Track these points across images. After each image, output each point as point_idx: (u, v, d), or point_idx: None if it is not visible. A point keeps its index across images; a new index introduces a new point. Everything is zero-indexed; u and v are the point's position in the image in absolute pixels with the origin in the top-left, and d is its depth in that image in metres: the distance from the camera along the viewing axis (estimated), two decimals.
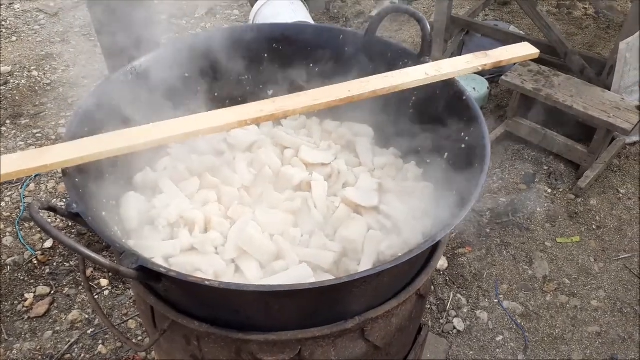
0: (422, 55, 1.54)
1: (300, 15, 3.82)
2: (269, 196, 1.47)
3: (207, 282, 0.93)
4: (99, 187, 1.25)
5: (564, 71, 3.33)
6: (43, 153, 1.13)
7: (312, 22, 3.87)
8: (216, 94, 1.66)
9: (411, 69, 1.46)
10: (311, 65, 1.72)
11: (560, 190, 3.12)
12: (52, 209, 1.01)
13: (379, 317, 1.21)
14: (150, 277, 0.98)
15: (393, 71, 1.45)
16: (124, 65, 1.42)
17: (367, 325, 1.22)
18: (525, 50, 1.54)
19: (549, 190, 3.12)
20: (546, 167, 3.26)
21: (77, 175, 1.15)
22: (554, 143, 3.19)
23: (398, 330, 1.34)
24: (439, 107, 1.50)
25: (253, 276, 1.28)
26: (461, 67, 1.47)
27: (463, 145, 1.36)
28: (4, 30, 4.61)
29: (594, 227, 2.92)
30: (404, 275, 1.20)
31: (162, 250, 1.28)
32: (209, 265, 1.27)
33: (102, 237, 0.99)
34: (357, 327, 1.19)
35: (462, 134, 1.37)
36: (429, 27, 1.53)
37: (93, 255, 0.87)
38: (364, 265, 1.31)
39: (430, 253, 1.33)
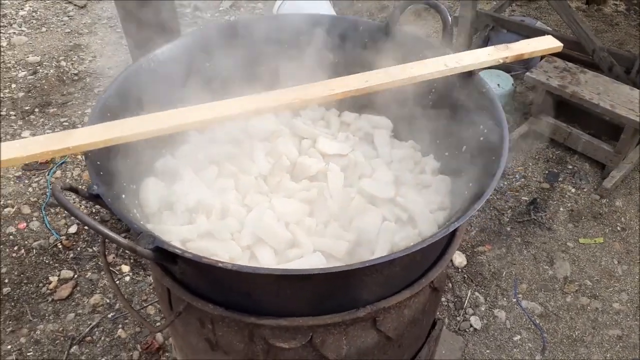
0: (442, 47, 1.52)
1: (323, 7, 3.82)
2: (286, 185, 1.48)
3: (220, 264, 0.94)
4: (120, 171, 1.28)
5: (592, 68, 3.26)
6: (67, 136, 1.16)
7: (334, 14, 3.86)
8: (236, 84, 1.68)
9: (431, 60, 1.46)
10: (331, 56, 1.72)
11: (585, 190, 3.06)
12: (73, 190, 1.03)
13: (391, 307, 1.21)
14: (166, 258, 1.00)
15: (412, 62, 1.45)
16: (145, 54, 1.45)
17: (379, 315, 1.22)
18: (548, 43, 1.52)
19: (573, 190, 3.06)
20: (570, 167, 3.20)
21: (99, 159, 1.18)
22: (579, 142, 3.13)
23: (410, 322, 1.34)
24: (458, 99, 1.48)
25: (267, 263, 1.29)
26: (482, 59, 1.46)
27: (482, 139, 1.34)
28: (34, 22, 4.73)
29: (618, 228, 2.86)
30: (417, 265, 1.20)
31: (180, 235, 1.30)
32: (225, 251, 1.29)
33: (121, 218, 1.02)
34: (369, 317, 1.20)
35: (481, 126, 1.35)
36: (449, 18, 1.51)
37: (110, 233, 0.89)
38: (378, 255, 1.30)
39: (445, 245, 1.32)
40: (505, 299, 2.55)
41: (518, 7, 4.77)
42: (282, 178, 1.50)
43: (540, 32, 3.53)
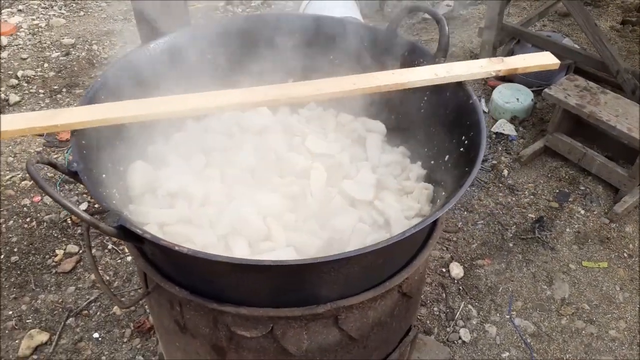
0: (437, 56, 1.53)
1: (349, 10, 3.84)
2: (271, 180, 1.51)
3: (176, 247, 0.98)
4: (108, 152, 1.34)
5: (616, 90, 3.19)
6: (56, 114, 1.23)
7: (359, 17, 3.88)
8: (235, 78, 1.72)
9: (421, 68, 1.47)
10: (331, 57, 1.75)
11: (595, 212, 3.00)
12: (52, 165, 1.09)
13: (353, 307, 1.23)
14: (130, 237, 1.05)
15: (402, 68, 1.47)
16: (148, 42, 1.51)
17: (341, 313, 1.24)
18: (544, 59, 1.51)
19: (582, 212, 3.00)
20: (582, 188, 3.13)
21: (85, 138, 1.24)
22: (593, 163, 3.06)
23: (377, 325, 1.35)
24: (447, 109, 1.49)
25: (240, 253, 1.33)
26: (473, 71, 1.46)
27: (462, 149, 1.35)
28: (73, 5, 4.91)
29: (625, 255, 2.79)
30: (378, 268, 1.21)
31: (158, 218, 1.35)
32: (199, 238, 1.33)
33: (93, 195, 1.07)
34: (330, 314, 1.22)
35: (463, 137, 1.36)
36: (447, 28, 1.52)
37: (73, 207, 0.94)
38: None
39: (415, 252, 1.33)
40: (498, 314, 2.52)
41: (550, 22, 4.69)
42: (267, 172, 1.53)
43: (564, 49, 3.47)
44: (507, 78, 3.74)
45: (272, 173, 1.54)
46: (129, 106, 1.28)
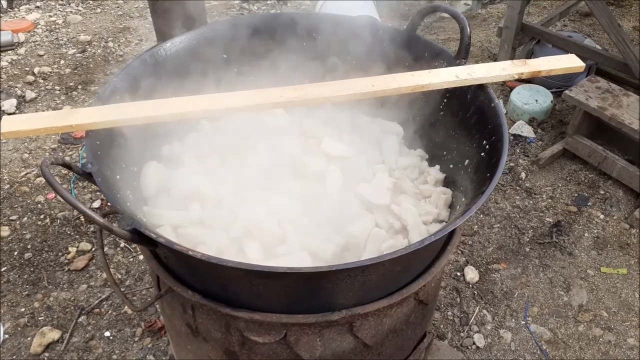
0: (458, 57, 1.49)
1: (366, 9, 3.81)
2: (285, 182, 1.49)
3: (190, 252, 0.96)
4: (122, 153, 1.32)
5: (638, 92, 3.11)
6: (71, 114, 1.21)
7: (377, 17, 3.84)
8: (249, 78, 1.70)
9: (442, 70, 1.43)
10: (348, 57, 1.72)
11: (615, 217, 2.93)
12: (66, 165, 1.08)
13: (368, 314, 1.21)
14: (144, 240, 1.03)
15: (422, 70, 1.43)
16: (158, 45, 1.49)
17: (356, 320, 1.21)
18: (569, 62, 1.46)
19: (602, 217, 2.93)
20: (602, 192, 3.06)
21: (99, 139, 1.22)
22: (614, 167, 2.99)
23: (391, 332, 1.33)
24: (468, 112, 1.45)
25: (254, 257, 1.31)
26: (495, 73, 1.42)
27: (483, 154, 1.31)
28: (90, 2, 4.93)
29: None
30: (395, 275, 1.18)
31: (172, 220, 1.33)
32: (213, 240, 1.31)
33: (107, 197, 1.06)
34: (345, 321, 1.19)
35: (484, 142, 1.32)
36: (469, 29, 1.48)
37: (87, 210, 0.92)
38: None
39: (432, 259, 1.30)
40: (513, 320, 2.48)
41: (570, 22, 4.60)
42: (282, 174, 1.51)
43: (586, 49, 3.40)
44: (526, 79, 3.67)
45: (287, 175, 1.51)
46: (143, 107, 1.26)
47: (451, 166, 1.52)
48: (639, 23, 4.49)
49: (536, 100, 3.48)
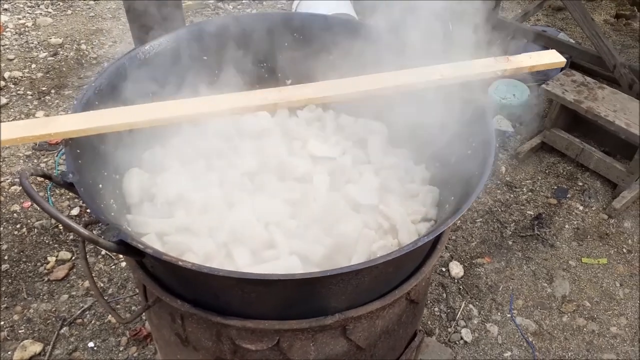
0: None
1: (343, 8, 3.80)
2: (271, 185, 1.47)
3: (180, 263, 0.94)
4: (103, 160, 1.28)
5: (613, 85, 3.18)
6: (49, 122, 1.17)
7: (354, 14, 3.83)
8: (232, 81, 1.67)
9: (426, 69, 1.43)
10: (330, 57, 1.70)
11: (593, 208, 2.98)
12: (46, 177, 1.04)
13: (361, 316, 1.20)
14: (131, 251, 1.00)
15: (407, 69, 1.43)
16: (137, 47, 1.45)
17: (349, 323, 1.20)
18: (551, 58, 1.48)
19: (581, 208, 2.99)
20: (581, 183, 3.12)
21: (79, 147, 1.18)
22: (591, 159, 3.05)
23: (384, 333, 1.32)
24: (453, 109, 1.45)
25: (242, 262, 1.29)
26: (479, 70, 1.42)
27: (469, 152, 1.31)
28: (60, 3, 4.80)
29: (624, 250, 2.78)
30: (388, 277, 1.18)
31: (157, 227, 1.30)
32: (200, 247, 1.28)
33: (90, 208, 1.02)
34: (338, 325, 1.18)
35: (470, 139, 1.32)
36: (449, 24, 1.48)
37: (71, 223, 0.89)
38: (355, 262, 1.29)
39: (423, 258, 1.29)
40: (499, 313, 2.50)
41: (544, 17, 4.67)
42: (267, 177, 1.49)
43: (561, 44, 3.45)
44: None
45: (273, 178, 1.49)
46: (124, 113, 1.22)
47: (437, 164, 1.53)
48: (610, 16, 4.58)
49: (514, 95, 3.52)
